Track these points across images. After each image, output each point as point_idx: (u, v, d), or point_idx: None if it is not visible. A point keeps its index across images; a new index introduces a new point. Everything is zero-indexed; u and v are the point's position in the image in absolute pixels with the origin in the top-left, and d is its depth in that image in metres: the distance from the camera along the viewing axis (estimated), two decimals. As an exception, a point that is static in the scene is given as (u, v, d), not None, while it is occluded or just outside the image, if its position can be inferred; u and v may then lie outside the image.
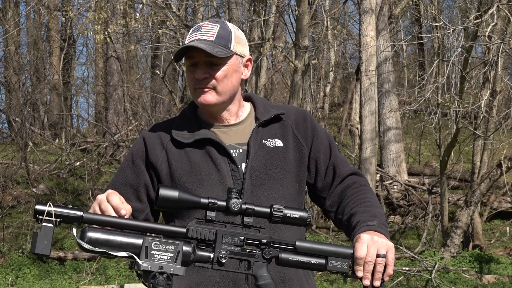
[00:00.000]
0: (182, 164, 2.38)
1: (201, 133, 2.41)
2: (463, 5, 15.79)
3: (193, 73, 2.39)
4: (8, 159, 15.28)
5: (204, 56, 2.36)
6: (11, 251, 11.76)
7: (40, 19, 21.05)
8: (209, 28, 2.40)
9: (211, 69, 2.37)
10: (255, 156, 2.40)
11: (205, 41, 2.35)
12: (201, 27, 2.41)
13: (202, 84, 2.38)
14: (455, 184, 15.04)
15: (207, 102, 2.39)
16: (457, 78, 16.37)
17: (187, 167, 2.38)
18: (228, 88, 2.40)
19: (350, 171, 2.50)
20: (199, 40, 2.36)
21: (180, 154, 2.39)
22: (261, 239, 2.03)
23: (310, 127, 2.49)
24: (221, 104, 2.42)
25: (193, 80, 2.39)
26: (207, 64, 2.37)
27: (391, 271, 2.12)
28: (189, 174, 2.37)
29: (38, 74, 19.33)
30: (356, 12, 20.12)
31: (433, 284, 9.98)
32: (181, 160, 2.38)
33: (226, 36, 2.40)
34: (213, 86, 2.38)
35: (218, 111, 2.44)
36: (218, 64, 2.38)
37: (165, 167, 2.39)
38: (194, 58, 2.38)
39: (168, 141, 2.42)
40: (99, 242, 1.88)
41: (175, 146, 2.40)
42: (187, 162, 2.38)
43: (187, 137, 2.40)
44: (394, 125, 15.93)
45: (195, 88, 2.39)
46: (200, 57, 2.37)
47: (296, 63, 11.05)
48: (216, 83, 2.38)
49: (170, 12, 12.71)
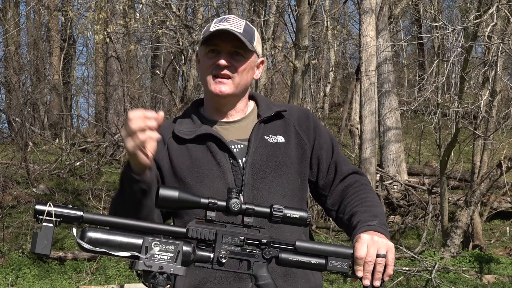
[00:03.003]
0: (183, 159, 2.38)
1: (202, 128, 2.41)
2: (463, 5, 15.80)
3: (212, 59, 2.39)
4: (8, 159, 15.28)
5: (231, 46, 2.37)
6: (11, 251, 11.76)
7: (40, 19, 21.06)
8: (236, 21, 2.41)
9: (233, 59, 2.39)
10: (256, 150, 2.40)
11: (233, 31, 2.36)
12: (228, 19, 2.42)
13: (223, 70, 2.38)
14: (455, 184, 15.04)
15: (222, 93, 2.39)
16: (457, 78, 16.38)
17: (188, 162, 2.38)
18: (244, 82, 2.42)
19: (352, 170, 2.50)
20: (227, 29, 2.36)
21: (181, 149, 2.40)
22: (261, 239, 2.03)
23: (313, 126, 2.50)
24: (232, 97, 2.42)
25: (212, 66, 2.39)
26: (230, 54, 2.38)
27: (391, 271, 2.12)
28: (189, 169, 2.37)
29: (38, 74, 19.33)
30: (356, 12, 20.13)
31: (433, 284, 9.98)
32: (182, 156, 2.39)
33: (251, 32, 2.42)
34: (232, 76, 2.39)
35: (226, 105, 2.45)
36: (240, 56, 2.39)
37: (166, 163, 2.39)
38: (218, 46, 2.38)
39: (169, 137, 2.42)
40: (99, 242, 1.88)
41: (177, 142, 2.41)
42: (188, 158, 2.39)
43: (189, 133, 2.41)
44: (394, 125, 15.93)
45: (213, 74, 2.39)
46: (225, 46, 2.38)
47: (296, 63, 11.05)
48: (236, 74, 2.39)
49: (170, 12, 12.71)
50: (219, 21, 2.41)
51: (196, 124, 2.44)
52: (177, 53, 15.29)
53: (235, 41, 2.36)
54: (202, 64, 2.43)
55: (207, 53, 2.40)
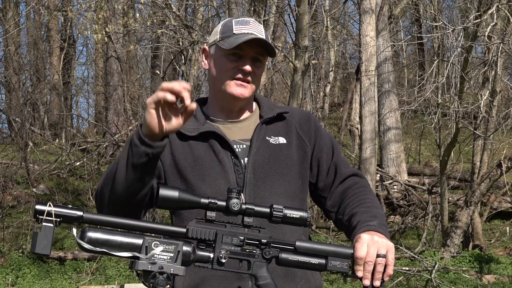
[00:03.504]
0: (185, 156, 2.39)
1: (206, 126, 2.42)
2: (463, 5, 15.80)
3: (234, 63, 2.39)
4: (8, 159, 15.28)
5: (254, 53, 2.39)
6: (11, 251, 11.76)
7: (40, 19, 21.06)
8: (257, 26, 2.43)
9: (254, 65, 2.41)
10: (257, 151, 2.41)
11: (263, 39, 2.38)
12: (249, 23, 2.43)
13: (247, 76, 2.40)
14: (455, 184, 15.05)
15: (243, 96, 2.41)
16: (457, 78, 16.38)
17: (190, 159, 2.38)
18: (258, 86, 2.47)
19: (352, 172, 2.51)
20: (255, 34, 2.38)
21: (184, 146, 2.40)
22: (261, 239, 2.03)
23: (314, 128, 2.52)
24: (247, 100, 2.46)
25: (234, 69, 2.40)
26: (251, 59, 2.40)
27: (391, 271, 2.12)
28: (191, 167, 2.37)
29: (38, 74, 19.34)
30: (356, 12, 20.13)
31: (433, 284, 9.98)
32: (185, 152, 2.39)
33: (267, 37, 2.45)
34: (252, 82, 2.42)
35: (237, 106, 2.47)
36: (259, 62, 2.42)
37: (168, 158, 2.39)
38: (243, 51, 2.39)
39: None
40: (99, 242, 1.88)
41: (179, 138, 2.41)
42: (190, 155, 2.39)
43: (191, 130, 2.41)
44: (394, 125, 15.93)
45: (234, 78, 2.40)
46: (249, 51, 2.39)
47: (296, 63, 11.05)
48: (255, 79, 2.43)
49: (170, 12, 12.71)
50: (240, 24, 2.42)
51: (200, 122, 2.45)
52: (177, 53, 15.29)
53: (259, 47, 2.38)
54: (221, 65, 2.43)
55: (228, 55, 2.40)
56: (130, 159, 2.11)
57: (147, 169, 2.13)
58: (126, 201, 2.18)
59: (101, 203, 2.25)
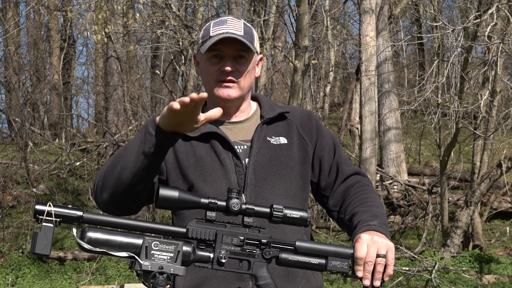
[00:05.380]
0: (187, 156, 2.39)
1: (208, 127, 2.40)
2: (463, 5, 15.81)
3: (216, 65, 2.38)
4: (8, 159, 15.27)
5: (234, 50, 2.37)
6: (11, 251, 11.76)
7: (40, 19, 21.06)
8: (234, 23, 2.40)
9: (237, 63, 2.38)
10: (258, 151, 2.41)
11: (235, 35, 2.36)
12: (226, 22, 2.40)
13: (228, 76, 2.38)
14: (455, 184, 15.04)
15: (230, 97, 2.39)
16: (457, 78, 16.38)
17: (192, 160, 2.39)
18: (248, 84, 2.43)
19: (353, 170, 2.51)
20: (229, 33, 2.35)
21: (186, 146, 2.40)
22: (261, 239, 2.03)
23: (315, 127, 2.51)
24: (238, 99, 2.43)
25: (217, 72, 2.38)
26: (233, 58, 2.38)
27: (391, 271, 2.12)
28: (193, 167, 2.38)
29: (38, 74, 19.33)
30: (356, 12, 20.13)
31: (433, 284, 9.98)
32: (187, 153, 2.39)
33: (250, 32, 2.41)
34: (237, 81, 2.39)
35: (231, 107, 2.45)
36: (244, 59, 2.39)
37: (171, 157, 2.39)
38: (221, 51, 2.37)
39: None
40: (99, 242, 1.88)
41: (182, 139, 2.39)
42: (192, 155, 2.39)
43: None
44: (394, 125, 15.93)
45: (218, 80, 2.39)
46: (228, 50, 2.37)
47: (296, 63, 11.05)
48: (241, 78, 2.40)
49: (170, 12, 12.71)
50: (217, 24, 2.40)
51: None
52: (177, 53, 15.28)
53: (237, 44, 2.36)
54: (206, 70, 2.42)
55: (209, 58, 2.40)
56: (142, 147, 2.13)
57: (156, 160, 2.16)
58: (128, 189, 2.20)
59: (102, 188, 2.25)
